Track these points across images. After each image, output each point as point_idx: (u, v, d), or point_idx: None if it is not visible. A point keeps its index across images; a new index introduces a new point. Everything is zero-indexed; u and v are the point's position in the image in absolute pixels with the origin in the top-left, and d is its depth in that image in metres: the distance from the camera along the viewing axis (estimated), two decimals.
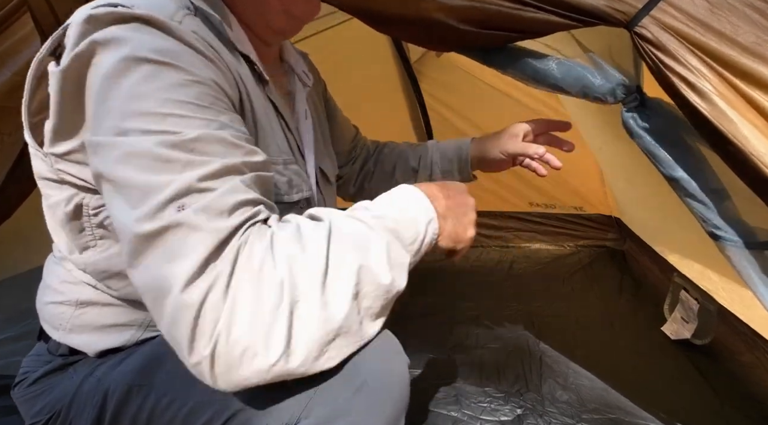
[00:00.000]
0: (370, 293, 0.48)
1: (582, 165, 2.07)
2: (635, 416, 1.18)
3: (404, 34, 0.70)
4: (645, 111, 0.62)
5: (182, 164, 0.44)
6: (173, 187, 0.43)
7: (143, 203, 0.43)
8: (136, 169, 0.43)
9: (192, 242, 0.42)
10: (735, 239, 0.59)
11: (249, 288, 0.42)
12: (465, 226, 0.62)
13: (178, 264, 0.41)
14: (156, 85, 0.46)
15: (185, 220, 0.42)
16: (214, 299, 0.41)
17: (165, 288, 0.41)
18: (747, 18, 0.49)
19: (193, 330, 0.41)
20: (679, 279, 1.53)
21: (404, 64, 1.95)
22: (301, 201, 0.67)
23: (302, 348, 0.44)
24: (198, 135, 0.45)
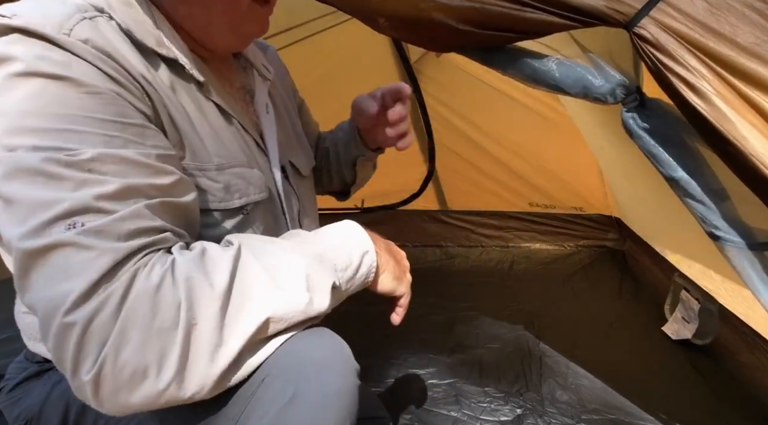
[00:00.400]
0: (280, 315, 0.47)
1: (582, 165, 2.07)
2: (635, 416, 1.18)
3: (403, 35, 0.69)
4: (645, 111, 0.62)
5: (76, 182, 0.41)
6: (65, 204, 0.40)
7: (30, 220, 0.40)
8: (24, 185, 0.41)
9: (81, 263, 0.40)
10: (735, 239, 0.59)
11: (144, 309, 0.41)
12: (404, 269, 0.68)
13: (66, 284, 0.39)
14: (46, 99, 0.43)
15: (75, 239, 0.40)
16: (103, 319, 0.39)
17: (51, 309, 0.39)
18: (746, 19, 0.49)
19: (77, 353, 0.39)
20: (679, 279, 1.53)
21: (404, 64, 1.94)
22: (247, 206, 0.63)
23: (197, 373, 0.42)
24: (96, 154, 0.42)
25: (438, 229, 2.32)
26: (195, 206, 0.53)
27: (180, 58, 0.57)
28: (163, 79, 0.55)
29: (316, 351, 0.49)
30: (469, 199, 2.27)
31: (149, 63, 0.53)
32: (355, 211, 2.29)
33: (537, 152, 2.09)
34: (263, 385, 0.46)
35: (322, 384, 0.47)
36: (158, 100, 0.53)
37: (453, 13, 0.60)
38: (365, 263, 0.59)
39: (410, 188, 2.27)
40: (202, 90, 0.60)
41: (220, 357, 0.43)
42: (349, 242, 0.58)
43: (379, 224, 2.31)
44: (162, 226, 0.46)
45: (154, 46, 0.54)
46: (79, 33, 0.47)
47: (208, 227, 0.58)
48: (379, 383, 1.33)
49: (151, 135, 0.49)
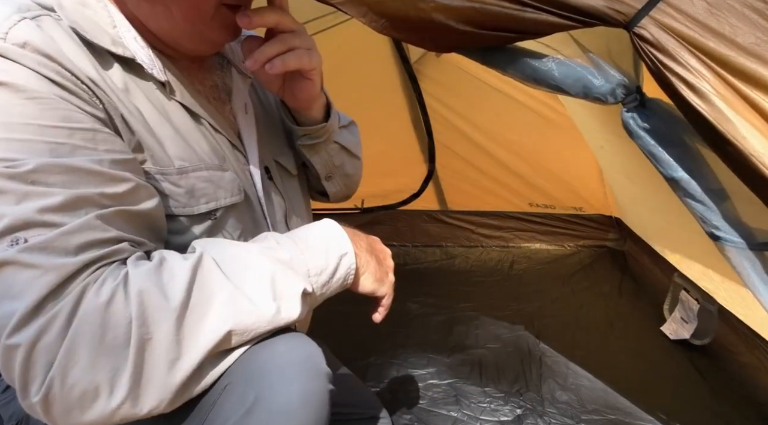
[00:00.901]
0: (244, 326, 0.45)
1: (582, 165, 2.07)
2: (635, 416, 1.18)
3: (403, 35, 0.69)
4: (645, 111, 0.62)
5: (18, 195, 0.39)
6: (5, 220, 0.38)
7: None
8: None
9: (25, 281, 0.38)
10: (735, 239, 0.59)
11: (93, 326, 0.39)
12: (386, 269, 0.65)
13: (9, 305, 0.38)
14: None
15: (17, 258, 0.38)
16: (49, 340, 0.38)
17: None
18: (746, 19, 0.49)
19: (23, 375, 0.38)
20: (679, 279, 1.53)
21: (404, 64, 1.94)
22: (216, 211, 0.59)
23: (153, 389, 0.41)
24: (38, 165, 0.40)
25: (438, 229, 2.32)
26: (157, 213, 0.50)
27: (138, 57, 0.54)
28: (116, 81, 0.52)
29: (280, 355, 0.47)
30: (469, 199, 2.27)
31: (100, 63, 0.50)
32: (355, 211, 2.29)
33: (537, 152, 2.09)
34: (225, 392, 0.45)
35: (286, 389, 0.45)
36: (109, 103, 0.50)
37: (453, 13, 0.60)
38: (343, 266, 0.56)
39: (410, 188, 2.27)
40: (165, 90, 0.57)
41: (177, 371, 0.42)
42: (326, 244, 0.56)
43: (379, 224, 2.31)
44: (117, 236, 0.43)
45: (109, 45, 0.51)
46: (15, 36, 0.44)
47: (175, 233, 0.55)
48: (379, 383, 1.33)
49: (102, 139, 0.46)
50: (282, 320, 0.48)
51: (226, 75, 0.70)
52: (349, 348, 0.51)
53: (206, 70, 0.67)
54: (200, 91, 0.63)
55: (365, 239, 0.65)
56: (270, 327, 0.48)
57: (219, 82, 0.68)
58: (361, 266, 0.60)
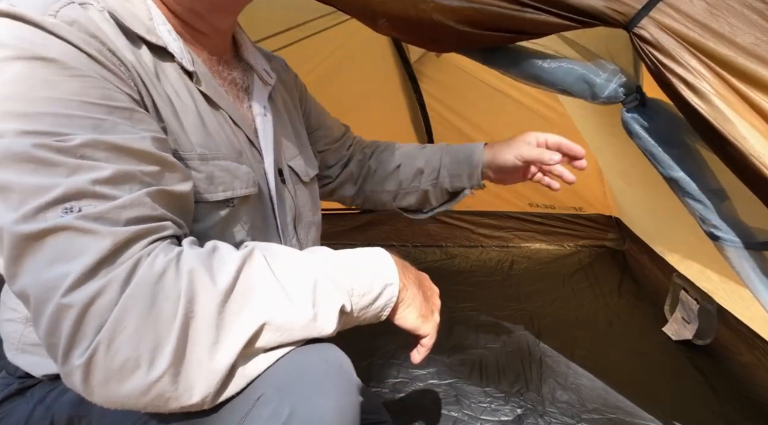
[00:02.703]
0: (278, 322, 0.45)
1: None
2: (635, 416, 1.18)
3: (403, 35, 0.69)
4: (645, 111, 0.62)
5: (69, 168, 0.40)
6: (60, 189, 0.39)
7: (23, 205, 0.39)
8: (15, 171, 0.40)
9: (81, 245, 0.39)
10: (734, 239, 0.59)
11: (143, 297, 0.39)
12: (432, 307, 0.66)
13: (65, 266, 0.38)
14: (31, 82, 0.42)
15: (74, 224, 0.39)
16: (102, 303, 0.38)
17: (47, 292, 0.38)
18: (746, 19, 0.49)
19: (71, 336, 0.38)
20: (678, 279, 1.53)
21: (404, 64, 1.95)
22: (233, 200, 0.60)
23: (191, 368, 0.41)
24: (87, 140, 0.41)
25: (438, 229, 2.32)
26: (190, 196, 0.52)
27: (170, 46, 0.57)
28: (149, 66, 0.54)
29: (314, 366, 0.47)
30: (469, 199, 2.25)
31: (135, 48, 0.53)
32: (355, 211, 2.29)
33: None
34: (258, 404, 0.44)
35: (321, 403, 0.44)
36: (143, 86, 0.52)
37: (453, 13, 0.60)
38: (385, 295, 0.55)
39: None
40: (191, 80, 0.60)
41: (215, 355, 0.42)
42: (373, 270, 0.56)
43: (379, 224, 2.31)
44: (162, 215, 0.45)
45: (144, 33, 0.54)
46: (65, 14, 0.46)
47: (194, 221, 0.56)
48: (379, 383, 1.33)
49: (139, 119, 0.47)
50: (316, 329, 0.48)
51: (246, 75, 0.72)
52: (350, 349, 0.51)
53: (226, 66, 0.69)
54: (221, 85, 0.66)
55: (414, 273, 0.65)
56: (303, 333, 0.47)
57: (238, 80, 0.70)
58: (406, 299, 0.60)
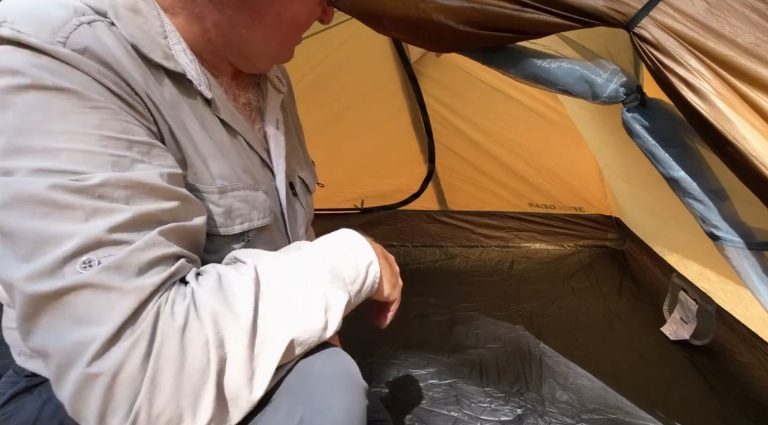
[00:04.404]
0: (302, 339, 0.46)
1: (582, 165, 2.07)
2: (635, 416, 1.18)
3: (403, 35, 0.69)
4: (645, 111, 0.62)
5: (86, 212, 0.37)
6: (77, 239, 0.36)
7: (37, 257, 0.36)
8: (26, 215, 0.36)
9: (104, 305, 0.36)
10: (734, 239, 0.59)
11: (173, 352, 0.38)
12: (396, 273, 0.66)
13: (89, 330, 0.36)
14: (47, 114, 0.38)
15: (95, 280, 0.36)
16: (132, 369, 0.36)
17: (70, 356, 0.36)
18: (746, 19, 0.49)
19: (104, 405, 0.36)
20: (677, 280, 1.53)
21: (404, 64, 1.94)
22: (248, 233, 0.58)
23: (237, 409, 0.41)
24: (105, 179, 0.38)
25: (438, 229, 2.32)
26: (203, 229, 0.50)
27: (188, 72, 0.53)
28: (165, 95, 0.50)
29: (325, 370, 0.48)
30: (469, 199, 2.27)
31: (151, 76, 0.49)
32: (355, 211, 2.29)
33: (537, 152, 2.09)
34: (272, 404, 0.45)
35: (332, 406, 0.46)
36: (160, 117, 0.49)
37: (453, 13, 0.60)
38: (371, 274, 0.57)
39: (410, 188, 2.27)
40: (209, 107, 0.56)
41: (254, 389, 0.43)
42: (353, 253, 0.56)
43: (379, 224, 2.31)
44: (178, 252, 0.43)
45: (161, 59, 0.50)
46: (76, 41, 0.42)
47: (208, 252, 0.54)
48: (379, 383, 1.33)
49: (156, 154, 0.45)
50: (327, 333, 0.49)
51: (259, 92, 0.69)
52: (350, 349, 0.52)
53: (241, 88, 0.67)
54: (236, 107, 0.63)
55: (377, 245, 0.64)
56: (318, 341, 0.48)
57: (252, 101, 0.68)
58: (382, 271, 0.61)
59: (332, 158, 2.14)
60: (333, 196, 2.24)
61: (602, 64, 0.64)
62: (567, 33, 0.75)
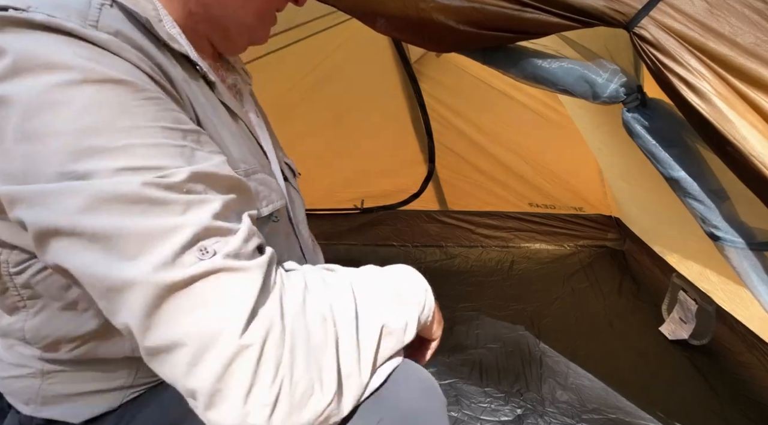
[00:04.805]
0: (392, 327, 0.48)
1: (582, 165, 2.07)
2: (635, 416, 1.18)
3: (403, 35, 0.69)
4: (645, 111, 0.62)
5: (182, 205, 0.37)
6: (189, 229, 0.36)
7: (151, 252, 0.35)
8: (123, 215, 0.35)
9: (235, 286, 0.37)
10: (734, 239, 0.59)
11: (300, 325, 0.40)
12: (440, 314, 0.68)
13: (226, 310, 0.36)
14: (108, 109, 0.36)
15: (221, 265, 0.37)
16: (273, 339, 0.38)
17: (212, 338, 0.36)
18: (746, 19, 0.49)
19: (252, 378, 0.36)
20: (677, 280, 1.53)
21: (404, 64, 1.94)
22: (273, 214, 0.58)
23: (352, 386, 0.43)
24: (189, 173, 0.38)
25: (438, 229, 2.32)
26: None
27: (191, 54, 0.51)
28: (181, 78, 0.48)
29: (426, 400, 0.50)
30: (469, 199, 2.27)
31: (167, 59, 0.46)
32: (355, 211, 2.29)
33: (537, 152, 2.10)
34: (356, 412, 0.45)
35: (414, 412, 0.48)
36: (188, 101, 0.47)
37: (453, 13, 0.60)
38: (428, 303, 0.58)
39: (410, 188, 2.27)
40: (213, 90, 0.55)
41: (362, 369, 0.44)
42: (413, 279, 0.58)
43: (379, 224, 2.31)
44: (263, 240, 0.44)
45: (167, 39, 0.47)
46: (107, 24, 0.40)
47: None
48: None
49: (205, 141, 0.43)
50: (407, 335, 0.51)
51: (233, 77, 0.68)
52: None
53: (224, 70, 0.65)
54: (229, 92, 0.62)
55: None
56: (402, 337, 0.50)
57: (238, 83, 0.67)
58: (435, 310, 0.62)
59: (332, 158, 2.15)
60: (333, 196, 2.24)
61: (602, 64, 0.64)
62: (567, 33, 0.75)
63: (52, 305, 0.49)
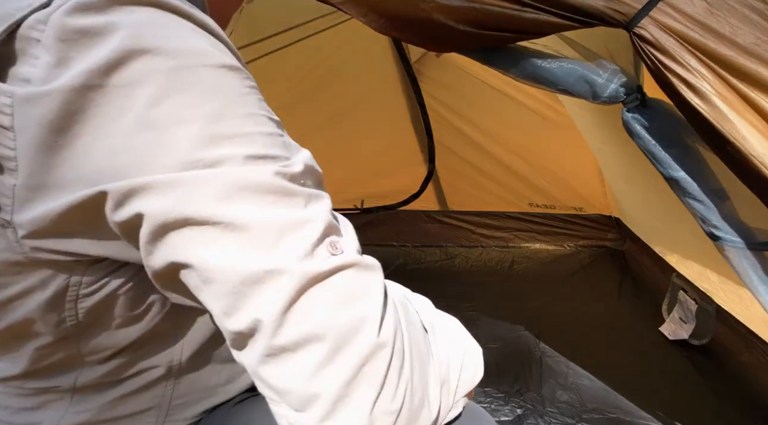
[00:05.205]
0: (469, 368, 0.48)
1: (582, 165, 2.07)
2: (635, 416, 1.18)
3: (403, 35, 0.69)
4: (645, 111, 0.62)
5: (304, 198, 0.36)
6: (319, 223, 0.36)
7: (287, 245, 0.34)
8: (259, 204, 0.34)
9: (365, 282, 0.37)
10: (734, 239, 0.59)
11: (412, 331, 0.39)
12: None
13: (362, 305, 0.36)
14: (225, 95, 0.36)
15: (352, 260, 0.37)
16: (401, 340, 0.37)
17: (351, 333, 0.35)
18: (746, 19, 0.49)
19: (382, 383, 0.35)
20: (677, 280, 1.53)
21: (404, 64, 1.95)
22: None
23: (444, 405, 0.41)
24: (304, 167, 0.38)
25: (438, 229, 2.32)
26: None
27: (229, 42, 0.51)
28: None
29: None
30: (469, 199, 2.27)
31: None
32: (355, 211, 2.29)
33: (537, 152, 2.10)
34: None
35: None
36: None
37: (453, 13, 0.60)
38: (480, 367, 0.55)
39: (410, 188, 2.27)
40: None
41: (450, 389, 0.43)
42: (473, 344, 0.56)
43: (379, 224, 2.31)
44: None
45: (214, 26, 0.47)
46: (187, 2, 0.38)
47: None
48: None
49: (284, 130, 0.43)
50: (477, 377, 0.50)
51: None
52: None
53: None
54: None
55: None
56: (472, 378, 0.49)
57: None
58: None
59: (332, 158, 2.14)
60: (333, 196, 2.18)
61: (602, 64, 0.64)
62: (567, 33, 0.75)
63: (110, 323, 0.46)
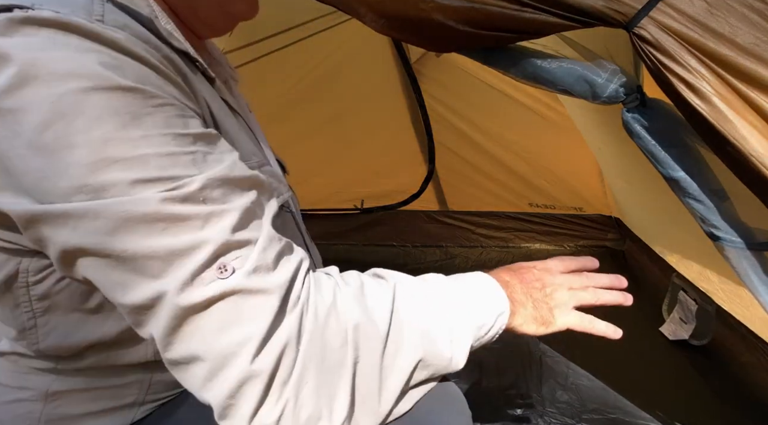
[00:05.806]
0: (429, 362, 0.46)
1: (582, 165, 2.07)
2: (635, 416, 1.18)
3: (403, 35, 0.69)
4: (645, 111, 0.62)
5: (201, 218, 0.36)
6: (209, 247, 0.36)
7: (172, 272, 0.35)
8: (145, 235, 0.35)
9: (253, 307, 0.37)
10: (734, 239, 0.59)
11: (315, 348, 0.39)
12: (547, 305, 0.63)
13: (242, 331, 0.36)
14: (119, 119, 0.35)
15: (241, 285, 0.36)
16: (286, 363, 0.37)
17: (226, 358, 0.36)
18: (746, 19, 0.49)
19: (261, 398, 0.37)
20: (677, 280, 1.53)
21: (404, 64, 1.94)
22: (284, 206, 0.57)
23: (367, 413, 0.41)
24: (204, 182, 0.37)
25: (438, 229, 2.32)
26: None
27: (191, 51, 0.49)
28: (190, 74, 0.47)
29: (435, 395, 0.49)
30: (469, 199, 2.27)
31: (169, 52, 0.45)
32: (355, 211, 2.29)
33: (537, 152, 2.09)
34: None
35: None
36: (201, 98, 0.46)
37: (453, 13, 0.60)
38: (497, 325, 0.55)
39: (410, 188, 2.27)
40: (214, 86, 0.54)
41: (382, 400, 0.42)
42: (487, 300, 0.55)
43: (379, 224, 2.31)
44: (288, 242, 0.43)
45: (168, 36, 0.46)
46: (113, 19, 0.39)
47: None
48: None
49: (215, 141, 0.42)
50: (452, 367, 0.49)
51: (223, 73, 0.66)
52: None
53: (217, 66, 0.63)
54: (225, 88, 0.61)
55: (518, 281, 0.61)
56: (443, 372, 0.49)
57: (226, 79, 0.65)
58: (517, 319, 0.59)
59: (332, 158, 2.15)
60: (333, 196, 2.24)
61: (602, 64, 0.64)
62: (567, 33, 0.75)
63: (70, 314, 0.48)
